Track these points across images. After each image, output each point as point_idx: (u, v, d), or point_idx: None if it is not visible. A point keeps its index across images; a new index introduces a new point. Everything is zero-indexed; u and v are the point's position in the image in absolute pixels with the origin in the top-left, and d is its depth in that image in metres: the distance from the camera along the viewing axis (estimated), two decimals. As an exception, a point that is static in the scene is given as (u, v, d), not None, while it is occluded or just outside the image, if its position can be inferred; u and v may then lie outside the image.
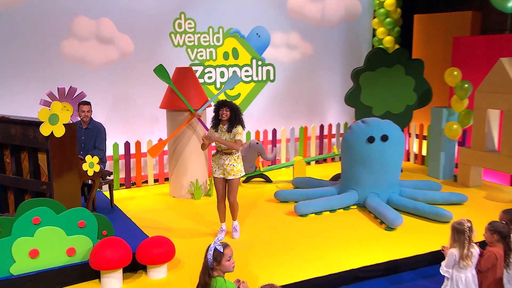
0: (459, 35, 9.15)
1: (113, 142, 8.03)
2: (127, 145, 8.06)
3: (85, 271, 4.82)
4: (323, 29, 9.91)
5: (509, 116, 7.31)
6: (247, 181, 8.36)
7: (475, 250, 4.20)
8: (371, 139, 6.78)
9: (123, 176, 8.22)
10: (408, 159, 10.04)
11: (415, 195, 7.03)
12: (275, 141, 9.37)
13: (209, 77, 8.94)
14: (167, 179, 8.16)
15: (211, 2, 8.76)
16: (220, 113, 5.61)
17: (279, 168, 8.73)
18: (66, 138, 5.25)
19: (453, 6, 9.60)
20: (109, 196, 6.99)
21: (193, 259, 5.23)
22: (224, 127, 5.64)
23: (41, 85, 7.53)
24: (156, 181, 8.45)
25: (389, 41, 9.97)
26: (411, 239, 5.82)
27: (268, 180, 8.42)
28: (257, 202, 7.28)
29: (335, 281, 4.93)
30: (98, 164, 5.73)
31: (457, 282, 4.16)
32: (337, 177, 8.20)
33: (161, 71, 7.13)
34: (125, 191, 8.02)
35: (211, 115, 5.95)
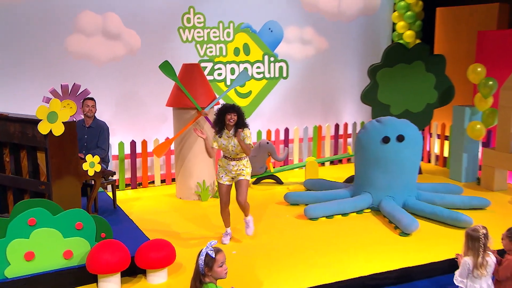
0: (484, 29, 8.95)
1: (119, 141, 8.06)
2: (133, 144, 8.08)
3: (83, 275, 4.81)
4: (339, 24, 9.79)
5: (536, 115, 7.13)
6: (257, 182, 8.30)
7: (491, 258, 4.08)
8: (386, 139, 6.67)
9: (129, 176, 8.25)
10: (429, 161, 9.87)
11: (434, 199, 6.89)
12: (287, 141, 9.29)
13: (219, 74, 8.90)
14: (174, 179, 8.15)
15: (221, -5, 8.74)
16: (228, 118, 5.47)
17: (291, 169, 8.66)
18: (65, 136, 5.27)
19: (478, -3, 9.41)
20: (112, 197, 7.01)
21: (193, 266, 5.18)
22: (230, 132, 5.56)
23: (46, 82, 7.57)
24: (163, 181, 8.46)
25: (409, 36, 9.79)
26: (427, 246, 5.70)
27: (278, 181, 8.35)
28: (266, 204, 7.22)
29: (343, 289, 4.85)
30: (99, 163, 5.74)
31: (472, 292, 4.06)
32: (351, 179, 8.07)
33: (166, 67, 7.12)
34: (130, 192, 8.04)
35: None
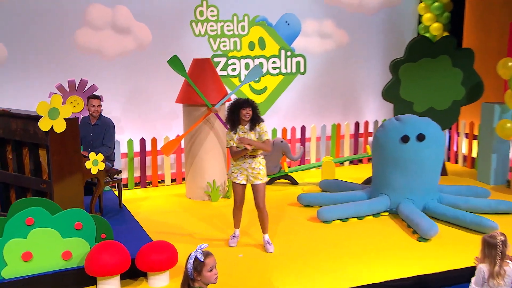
0: (516, 21, 8.73)
1: (128, 138, 8.11)
2: (142, 141, 8.11)
3: (82, 277, 4.83)
4: (360, 16, 9.66)
5: None
6: (270, 182, 8.23)
7: (509, 268, 3.95)
8: (405, 139, 6.54)
9: (138, 175, 8.29)
10: (456, 162, 9.67)
11: (457, 202, 6.74)
12: (304, 139, 9.22)
13: (233, 69, 8.88)
14: (185, 179, 8.16)
15: (235, -13, 8.71)
16: (243, 113, 5.44)
17: (306, 169, 8.59)
18: (67, 133, 5.31)
19: (511, -13, 9.15)
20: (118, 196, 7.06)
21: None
22: (245, 127, 5.51)
23: (54, 77, 7.67)
24: (173, 180, 8.49)
25: (436, 28, 9.58)
26: (447, 252, 5.57)
27: (293, 182, 8.29)
28: (278, 206, 7.16)
29: (353, 297, 4.77)
30: (103, 162, 5.78)
31: (487, 303, 3.94)
32: (370, 180, 7.95)
33: (175, 62, 7.12)
34: (139, 191, 8.09)
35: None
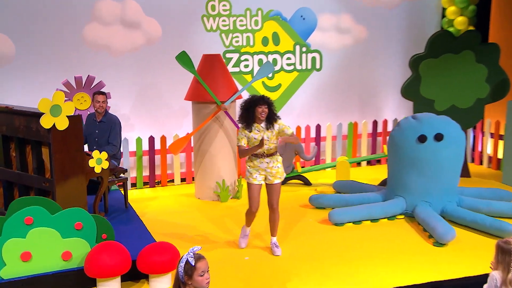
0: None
1: (137, 136, 8.15)
2: (151, 140, 8.14)
3: (82, 278, 4.85)
4: (380, 10, 9.54)
5: None
6: (283, 183, 8.02)
7: (524, 275, 3.84)
8: (422, 138, 6.45)
9: (147, 174, 8.32)
10: (480, 163, 9.50)
11: (478, 206, 6.61)
12: (319, 139, 9.15)
13: (246, 66, 8.86)
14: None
15: (249, -20, 8.69)
16: (259, 111, 5.37)
17: (320, 169, 8.52)
18: (70, 131, 5.34)
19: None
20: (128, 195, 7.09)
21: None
22: (261, 125, 5.46)
23: (62, 73, 7.74)
24: (183, 180, 8.50)
25: (461, 23, 9.37)
26: (464, 258, 5.47)
27: (307, 182, 8.23)
28: (289, 207, 7.11)
29: (361, 303, 4.72)
30: (106, 160, 5.81)
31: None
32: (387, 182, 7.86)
33: (183, 58, 7.12)
34: (148, 190, 8.13)
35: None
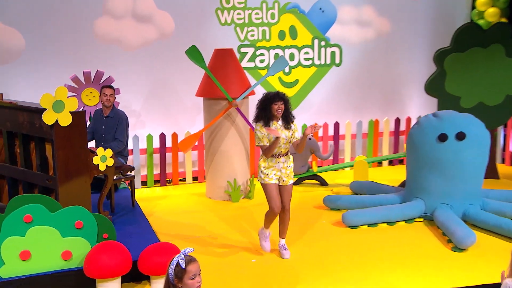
0: None
1: (148, 133, 8.18)
2: (162, 137, 8.17)
3: (82, 278, 4.87)
4: (404, 1, 9.45)
5: None
6: (298, 183, 8.12)
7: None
8: (443, 137, 6.32)
9: (158, 172, 8.35)
10: (511, 164, 9.29)
11: (503, 209, 6.45)
12: (337, 137, 9.07)
13: (261, 61, 8.82)
14: (207, 177, 8.18)
15: (265, -28, 8.65)
16: (275, 108, 5.28)
17: (338, 169, 8.43)
18: (73, 127, 5.37)
19: None
20: (136, 194, 7.12)
21: (207, 272, 5.14)
22: (278, 123, 5.39)
23: (72, 68, 7.80)
24: (195, 179, 8.51)
25: (492, 14, 9.13)
26: (483, 264, 5.33)
27: (323, 182, 8.15)
28: (302, 208, 7.06)
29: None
30: (111, 157, 5.83)
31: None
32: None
33: (193, 53, 7.12)
34: (158, 189, 8.16)
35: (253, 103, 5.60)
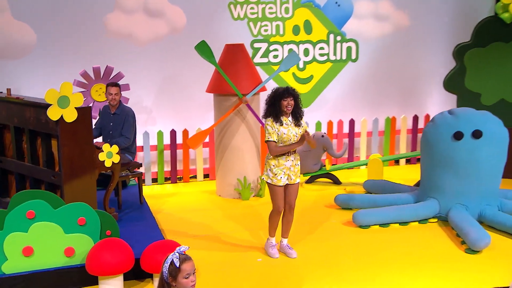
0: None
1: (159, 130, 8.25)
2: (173, 133, 8.23)
3: (85, 275, 4.92)
4: (424, -5, 9.39)
5: None
6: (310, 181, 8.12)
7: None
8: (458, 135, 6.24)
9: (169, 169, 8.42)
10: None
11: (522, 210, 6.38)
12: (352, 134, 9.03)
13: (275, 56, 8.82)
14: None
15: (279, -35, 8.64)
16: (284, 104, 5.28)
17: (352, 167, 8.39)
18: (79, 123, 5.44)
19: None
20: (146, 191, 7.21)
21: (212, 271, 5.19)
22: (288, 119, 5.39)
23: (83, 63, 7.89)
24: (206, 176, 8.56)
25: (518, 8, 9.05)
26: (497, 267, 5.26)
27: (336, 181, 8.12)
28: (313, 207, 7.06)
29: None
30: (117, 154, 5.89)
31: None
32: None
33: (203, 48, 7.15)
34: (169, 186, 8.23)
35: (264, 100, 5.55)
